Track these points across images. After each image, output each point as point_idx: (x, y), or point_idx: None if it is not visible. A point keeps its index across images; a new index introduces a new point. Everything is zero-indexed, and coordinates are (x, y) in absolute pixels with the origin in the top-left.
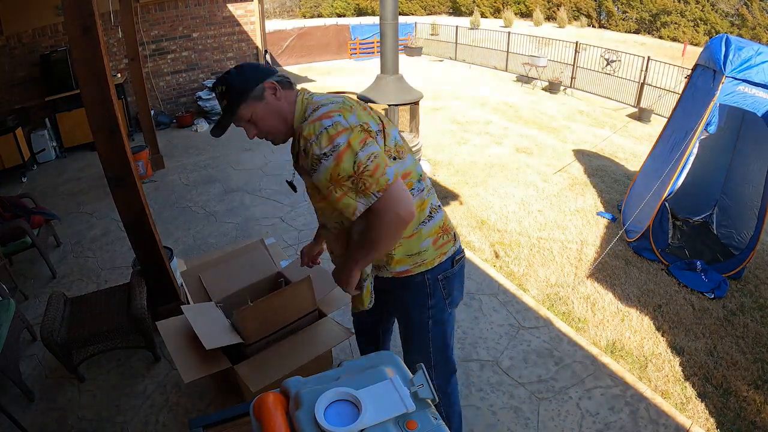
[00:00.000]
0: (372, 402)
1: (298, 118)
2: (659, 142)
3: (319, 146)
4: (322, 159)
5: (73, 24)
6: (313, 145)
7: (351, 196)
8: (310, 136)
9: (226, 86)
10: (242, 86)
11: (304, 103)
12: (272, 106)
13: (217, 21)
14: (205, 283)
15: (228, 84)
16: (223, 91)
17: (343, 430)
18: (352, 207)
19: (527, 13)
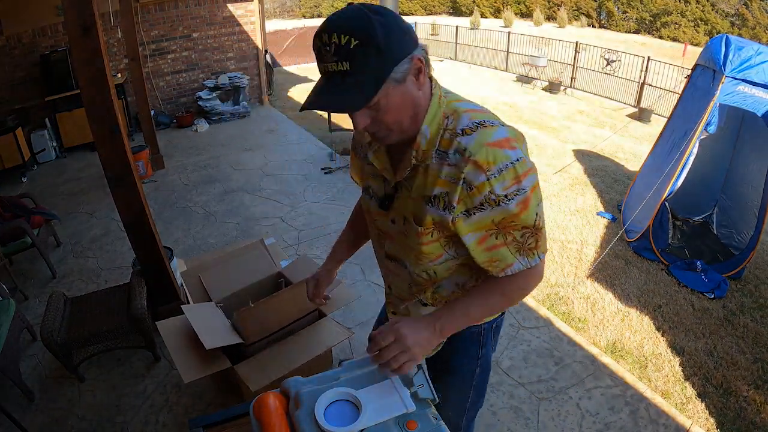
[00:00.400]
0: (372, 402)
1: (429, 119)
2: (659, 142)
3: (502, 184)
4: (501, 202)
5: (73, 24)
6: (493, 180)
7: (510, 250)
8: (489, 167)
9: (361, 39)
10: (391, 49)
11: (441, 103)
12: (410, 94)
13: (217, 21)
14: (205, 283)
15: (367, 37)
16: (355, 46)
17: (343, 430)
18: (505, 263)
19: (527, 13)
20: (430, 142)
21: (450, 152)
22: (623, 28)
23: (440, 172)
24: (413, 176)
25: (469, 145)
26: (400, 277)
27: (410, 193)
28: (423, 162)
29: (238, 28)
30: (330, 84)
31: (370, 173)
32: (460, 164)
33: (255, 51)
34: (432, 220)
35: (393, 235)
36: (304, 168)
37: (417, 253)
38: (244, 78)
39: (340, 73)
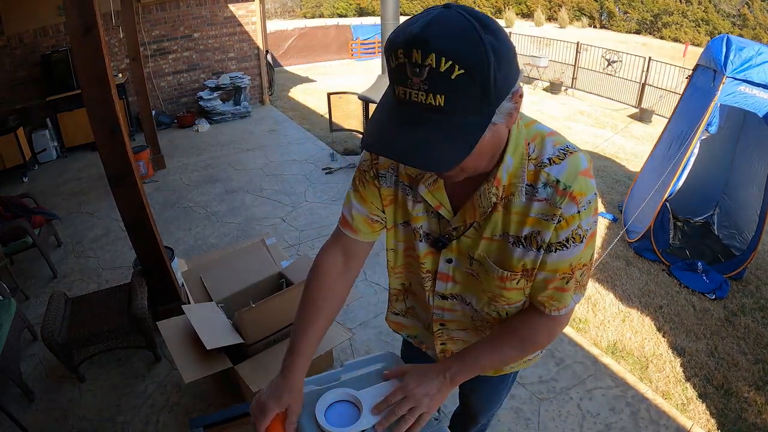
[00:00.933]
0: (373, 403)
1: (512, 150)
2: (660, 142)
3: (588, 219)
4: (584, 237)
5: (75, 24)
6: (583, 213)
7: (572, 292)
8: (581, 199)
9: (469, 69)
10: (500, 86)
11: (520, 128)
12: (501, 134)
13: (218, 21)
14: (206, 283)
15: (478, 68)
16: (458, 77)
17: (344, 430)
18: (563, 304)
19: (528, 13)
20: (514, 175)
21: (539, 186)
22: (624, 28)
23: (530, 209)
24: (489, 214)
25: (563, 177)
26: (461, 312)
27: (481, 232)
28: (506, 199)
29: (239, 28)
30: (411, 118)
31: (414, 208)
32: (554, 199)
33: (256, 51)
34: (522, 265)
35: (450, 275)
36: (305, 168)
37: (494, 296)
38: (245, 78)
39: (427, 108)
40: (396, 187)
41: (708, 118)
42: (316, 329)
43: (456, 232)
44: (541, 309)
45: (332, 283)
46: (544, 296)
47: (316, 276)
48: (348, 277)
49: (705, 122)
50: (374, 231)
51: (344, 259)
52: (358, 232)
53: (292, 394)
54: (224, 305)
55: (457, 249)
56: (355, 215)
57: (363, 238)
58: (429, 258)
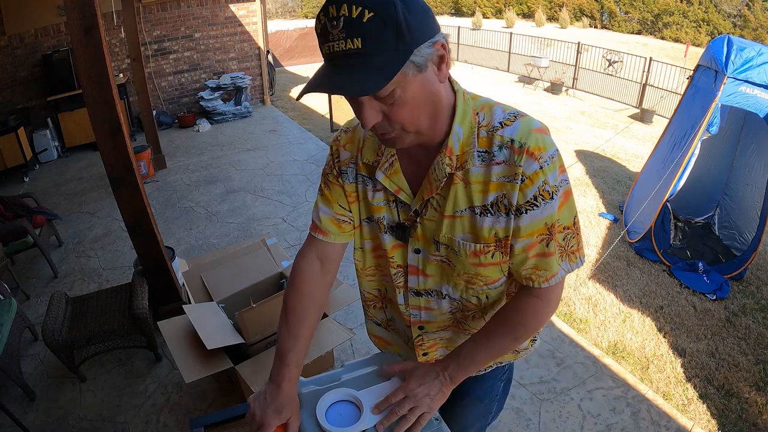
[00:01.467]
0: (374, 402)
1: (460, 118)
2: (661, 142)
3: (553, 173)
4: (554, 193)
5: (75, 24)
6: (546, 168)
7: (556, 257)
8: (540, 153)
9: (377, 11)
10: (412, 27)
11: (467, 100)
12: (430, 86)
13: (219, 21)
14: (207, 283)
15: (385, 9)
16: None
17: (345, 430)
18: (551, 272)
19: (529, 13)
20: (465, 144)
21: (494, 149)
22: (625, 28)
23: (490, 174)
24: (445, 190)
25: (516, 135)
26: (437, 310)
27: (442, 210)
28: (461, 168)
29: (240, 29)
30: (336, 66)
31: (374, 198)
32: (512, 158)
33: (257, 51)
34: (495, 234)
35: (420, 268)
36: (306, 168)
37: (470, 277)
38: (246, 78)
39: (349, 54)
40: (356, 181)
41: (709, 118)
42: (304, 337)
43: (417, 216)
44: (529, 285)
45: (312, 289)
46: (527, 268)
47: (295, 283)
48: (326, 280)
49: (706, 123)
50: (343, 231)
51: (320, 263)
52: (328, 233)
53: (291, 406)
54: (225, 305)
55: (422, 236)
56: (322, 217)
57: (333, 240)
58: (396, 252)
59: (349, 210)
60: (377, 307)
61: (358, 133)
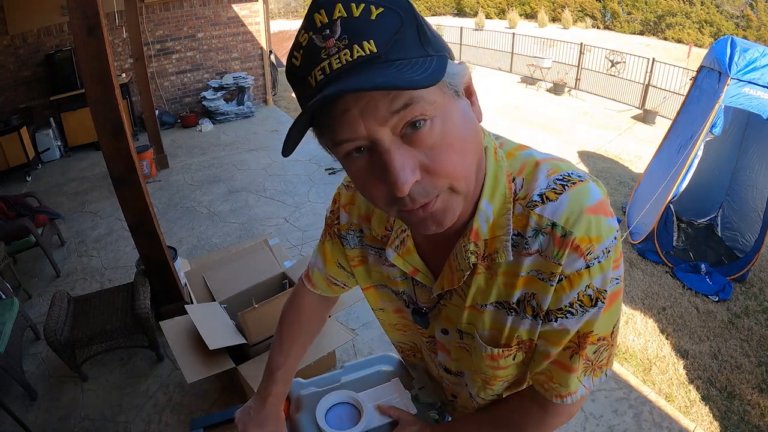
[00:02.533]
0: (373, 404)
1: (489, 190)
2: (664, 144)
3: (603, 274)
4: (598, 299)
5: (78, 24)
6: (594, 268)
7: (578, 373)
8: (591, 247)
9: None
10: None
11: (500, 160)
12: (471, 121)
13: (221, 21)
14: (209, 283)
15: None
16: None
17: None
18: (566, 390)
19: (532, 14)
20: (496, 225)
21: (529, 234)
22: (628, 29)
23: (520, 266)
24: (468, 278)
25: (560, 218)
26: (463, 391)
27: (464, 301)
28: (489, 258)
29: (242, 29)
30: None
31: (389, 272)
32: (550, 250)
33: (259, 51)
34: (517, 337)
35: (448, 349)
36: (309, 168)
37: (486, 379)
38: (248, 78)
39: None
40: (363, 248)
41: (712, 119)
42: (296, 355)
43: (439, 299)
44: (539, 391)
45: (311, 310)
46: (541, 373)
47: (296, 301)
48: (326, 304)
49: (709, 124)
50: (333, 291)
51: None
52: (316, 287)
53: (273, 422)
54: (227, 305)
55: (447, 319)
56: (315, 270)
57: (321, 293)
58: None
59: (347, 272)
60: (410, 358)
61: (359, 197)
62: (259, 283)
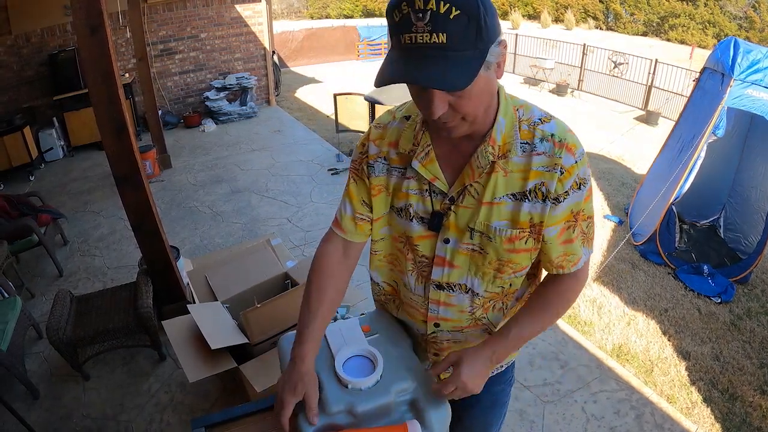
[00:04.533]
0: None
1: (503, 111)
2: (667, 145)
3: (584, 168)
4: (582, 185)
5: (81, 24)
6: (579, 163)
7: (580, 242)
8: (575, 150)
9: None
10: (489, 27)
11: (507, 97)
12: (492, 82)
13: (224, 22)
14: (212, 282)
15: (470, 8)
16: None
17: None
18: (577, 257)
19: (535, 15)
20: (507, 135)
21: (536, 141)
22: (631, 30)
23: (530, 163)
24: (484, 178)
25: (557, 131)
26: (458, 306)
27: (480, 198)
28: (503, 157)
29: (245, 29)
30: (417, 57)
31: (405, 190)
32: (553, 151)
33: (262, 52)
34: (530, 219)
35: (448, 259)
36: (311, 169)
37: (501, 265)
38: (251, 78)
39: (433, 47)
40: (388, 174)
41: (715, 121)
42: (323, 315)
43: (452, 204)
44: (560, 271)
45: (333, 270)
46: (558, 256)
47: (318, 264)
48: (348, 264)
49: (712, 125)
50: (361, 231)
51: (342, 249)
52: (346, 231)
53: (304, 381)
54: (229, 305)
55: (455, 225)
56: (343, 214)
57: (349, 238)
58: (424, 242)
59: (369, 207)
60: (390, 304)
61: (390, 130)
62: (262, 283)
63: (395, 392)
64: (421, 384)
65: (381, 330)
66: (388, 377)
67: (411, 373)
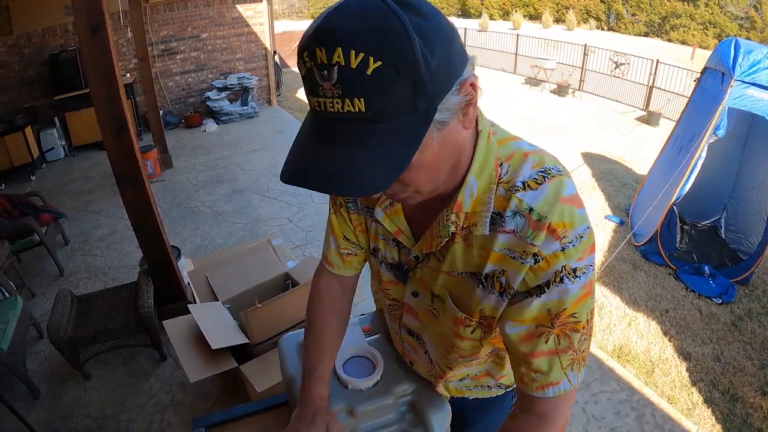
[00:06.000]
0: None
1: (477, 169)
2: (668, 145)
3: (578, 256)
4: (571, 278)
5: (83, 24)
6: (569, 250)
7: (563, 362)
8: (565, 231)
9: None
10: (436, 75)
11: (491, 144)
12: (454, 139)
13: (226, 22)
14: (212, 282)
15: (399, 55)
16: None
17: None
18: (547, 380)
19: (536, 15)
20: (479, 201)
21: (507, 214)
22: (632, 30)
23: (493, 242)
24: (447, 245)
25: (538, 204)
26: (419, 356)
27: (441, 265)
28: (467, 230)
29: (246, 29)
30: (329, 137)
31: (376, 233)
32: (525, 231)
33: (263, 52)
34: (481, 310)
35: (416, 310)
36: None
37: (447, 345)
38: (252, 79)
39: (346, 117)
40: (362, 211)
41: (716, 121)
42: (331, 354)
43: (417, 261)
44: (522, 389)
45: (334, 305)
46: (523, 365)
47: (317, 301)
48: (347, 295)
49: (713, 126)
50: (349, 266)
51: (338, 282)
52: (333, 266)
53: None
54: (230, 305)
55: (421, 281)
56: (329, 248)
57: (338, 272)
58: (393, 287)
59: (356, 242)
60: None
61: None
62: (262, 283)
63: (395, 393)
64: (422, 385)
65: (381, 330)
66: (388, 378)
67: (411, 373)
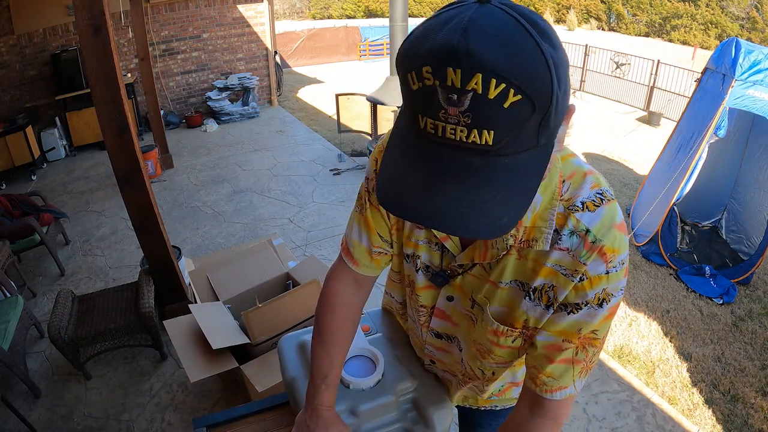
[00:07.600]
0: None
1: (543, 186)
2: (668, 146)
3: (617, 282)
4: (605, 302)
5: (84, 24)
6: (612, 275)
7: (575, 371)
8: (612, 257)
9: (529, 92)
10: (560, 109)
11: (557, 162)
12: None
13: (227, 22)
14: (213, 282)
15: (541, 92)
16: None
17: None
18: (558, 384)
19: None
20: (540, 217)
21: (564, 232)
22: (633, 31)
23: (547, 257)
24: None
25: (594, 227)
26: (450, 356)
27: (488, 275)
28: (526, 244)
29: (247, 29)
30: (449, 168)
31: (416, 237)
32: (580, 252)
33: (264, 52)
34: (525, 321)
35: (449, 314)
36: (313, 169)
37: (482, 350)
38: (253, 79)
39: (470, 149)
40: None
41: (717, 121)
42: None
43: (462, 269)
44: (532, 387)
45: (346, 310)
46: (536, 367)
47: (329, 305)
48: (362, 298)
49: (714, 126)
50: (377, 266)
51: (355, 282)
52: (359, 264)
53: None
54: (231, 305)
55: (460, 287)
56: (355, 243)
57: (363, 272)
58: (426, 293)
59: (390, 240)
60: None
61: None
62: (263, 283)
63: (397, 392)
64: (423, 383)
65: (381, 329)
66: (389, 377)
67: (412, 372)
